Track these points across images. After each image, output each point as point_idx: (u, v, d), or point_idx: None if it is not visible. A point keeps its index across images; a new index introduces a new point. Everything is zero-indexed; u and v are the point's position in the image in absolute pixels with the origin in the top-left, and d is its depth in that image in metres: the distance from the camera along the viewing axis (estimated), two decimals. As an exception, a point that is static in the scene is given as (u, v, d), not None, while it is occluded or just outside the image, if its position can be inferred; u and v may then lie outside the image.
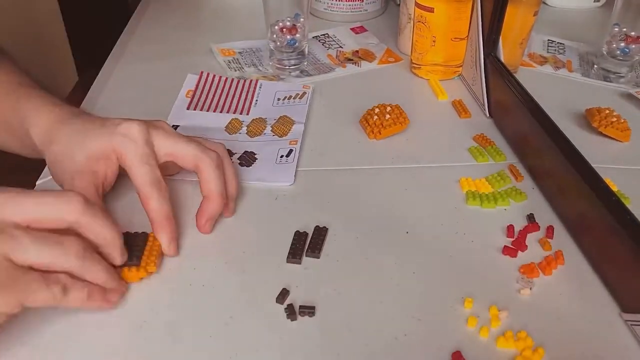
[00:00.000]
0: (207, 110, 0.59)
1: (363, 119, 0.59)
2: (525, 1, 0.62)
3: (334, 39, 0.78)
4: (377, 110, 0.58)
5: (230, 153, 0.52)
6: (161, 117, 0.59)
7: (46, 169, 0.51)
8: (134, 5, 0.89)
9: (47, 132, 0.45)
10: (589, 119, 0.55)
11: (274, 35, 0.66)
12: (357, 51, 0.74)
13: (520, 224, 0.46)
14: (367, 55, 0.73)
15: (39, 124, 0.46)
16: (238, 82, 0.64)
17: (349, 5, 0.82)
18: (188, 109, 0.59)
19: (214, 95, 0.60)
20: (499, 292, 0.40)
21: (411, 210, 0.48)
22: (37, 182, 0.50)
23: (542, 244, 0.44)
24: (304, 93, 0.63)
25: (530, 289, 0.40)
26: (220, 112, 0.59)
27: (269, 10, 0.65)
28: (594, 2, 0.81)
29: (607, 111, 0.54)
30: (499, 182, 0.50)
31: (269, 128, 0.57)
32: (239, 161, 0.52)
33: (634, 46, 0.62)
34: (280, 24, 0.65)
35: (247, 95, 0.61)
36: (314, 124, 0.59)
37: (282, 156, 0.53)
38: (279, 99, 0.61)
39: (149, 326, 0.37)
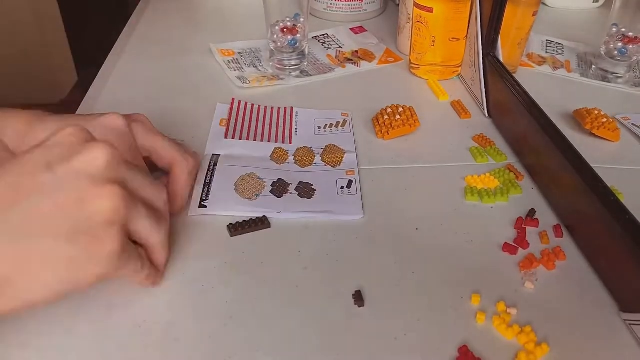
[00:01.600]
0: (247, 139, 0.56)
1: (375, 118, 0.59)
2: (525, 1, 0.62)
3: (334, 39, 0.78)
4: (389, 110, 0.58)
5: (285, 183, 0.50)
6: (161, 117, 0.60)
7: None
8: (133, 5, 0.89)
9: (21, 133, 0.42)
10: (578, 121, 0.55)
11: (275, 36, 0.66)
12: (356, 51, 0.74)
13: (520, 221, 0.46)
14: (367, 55, 0.73)
15: (10, 126, 0.42)
16: (272, 109, 0.61)
17: (349, 5, 0.83)
18: (226, 137, 0.56)
19: (249, 123, 0.58)
20: (500, 289, 0.40)
21: (411, 210, 0.48)
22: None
23: (541, 238, 0.44)
24: (345, 121, 0.60)
25: (536, 281, 0.40)
26: (261, 140, 0.56)
27: (269, 10, 0.65)
28: (593, 2, 0.81)
29: (597, 112, 0.55)
30: (503, 177, 0.51)
31: (318, 157, 0.54)
32: (297, 192, 0.49)
33: (631, 46, 0.62)
34: (281, 24, 0.65)
35: (284, 123, 0.59)
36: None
37: (342, 187, 0.50)
38: (319, 127, 0.59)
39: (149, 326, 0.37)
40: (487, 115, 0.61)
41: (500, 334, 0.37)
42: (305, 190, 0.50)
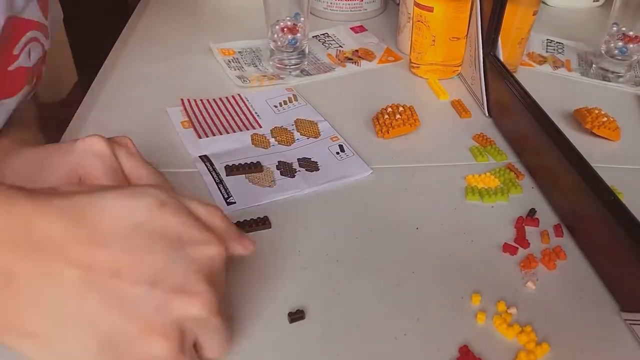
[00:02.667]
0: (220, 134, 0.56)
1: (375, 117, 0.59)
2: (525, 1, 0.62)
3: (334, 38, 0.78)
4: (389, 109, 0.58)
5: (288, 164, 0.52)
6: (161, 118, 0.60)
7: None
8: (133, 5, 0.89)
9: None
10: (579, 120, 0.55)
11: (275, 35, 0.66)
12: (356, 50, 0.74)
13: (520, 220, 0.46)
14: (367, 55, 0.73)
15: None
16: (222, 100, 0.62)
17: (349, 4, 0.82)
18: (200, 137, 0.56)
19: (212, 119, 0.59)
20: (500, 288, 0.40)
21: (411, 210, 0.48)
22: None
23: (541, 238, 0.44)
24: (294, 95, 0.63)
25: (536, 280, 0.40)
26: (233, 132, 0.57)
27: (269, 10, 0.65)
28: (593, 1, 0.81)
29: (597, 111, 0.55)
30: (503, 176, 0.51)
31: (297, 133, 0.57)
32: (303, 169, 0.52)
33: (632, 45, 0.62)
34: (282, 23, 0.65)
35: (242, 110, 0.60)
36: (313, 123, 0.59)
37: (337, 153, 0.54)
38: (275, 106, 0.61)
39: (149, 326, 0.37)
40: (487, 114, 0.61)
41: (501, 334, 0.37)
42: (309, 165, 0.52)
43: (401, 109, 0.58)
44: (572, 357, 0.36)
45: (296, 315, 0.38)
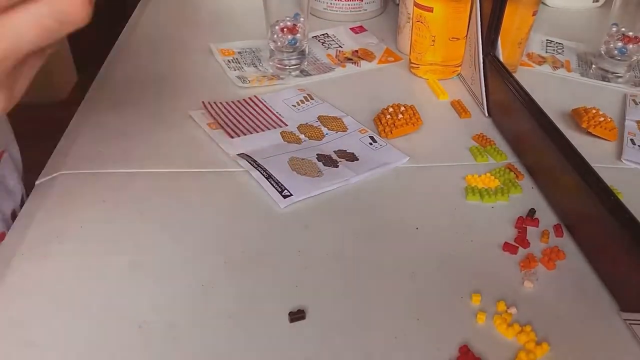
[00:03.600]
0: (251, 133, 0.57)
1: (377, 117, 0.59)
2: (525, 1, 0.62)
3: (334, 38, 0.78)
4: (390, 109, 0.58)
5: (328, 156, 0.53)
6: (162, 118, 0.60)
7: (46, 168, 0.52)
8: (133, 5, 0.89)
9: None
10: (576, 119, 0.55)
11: (275, 35, 0.66)
12: (356, 51, 0.74)
13: (520, 220, 0.46)
14: (367, 55, 0.73)
15: None
16: (240, 102, 0.62)
17: (348, 4, 0.82)
18: (232, 137, 0.56)
19: (237, 120, 0.59)
20: (500, 288, 0.40)
21: (411, 210, 0.48)
22: (37, 182, 0.50)
23: (541, 238, 0.44)
24: (309, 94, 0.63)
25: (536, 280, 0.40)
26: (262, 130, 0.57)
27: (269, 10, 0.65)
28: (593, 2, 0.81)
29: (594, 111, 0.55)
30: (503, 176, 0.51)
31: (324, 129, 0.57)
32: (344, 159, 0.53)
33: (631, 46, 0.62)
34: (281, 23, 0.65)
35: (263, 111, 0.61)
36: (313, 123, 0.59)
37: (370, 143, 0.55)
38: (293, 105, 0.61)
39: (149, 326, 0.37)
40: (486, 114, 0.61)
41: (501, 334, 0.37)
42: (348, 156, 0.53)
43: (403, 108, 0.58)
44: (572, 357, 0.36)
45: (296, 315, 0.38)
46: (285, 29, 0.66)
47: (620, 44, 0.62)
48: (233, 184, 0.50)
